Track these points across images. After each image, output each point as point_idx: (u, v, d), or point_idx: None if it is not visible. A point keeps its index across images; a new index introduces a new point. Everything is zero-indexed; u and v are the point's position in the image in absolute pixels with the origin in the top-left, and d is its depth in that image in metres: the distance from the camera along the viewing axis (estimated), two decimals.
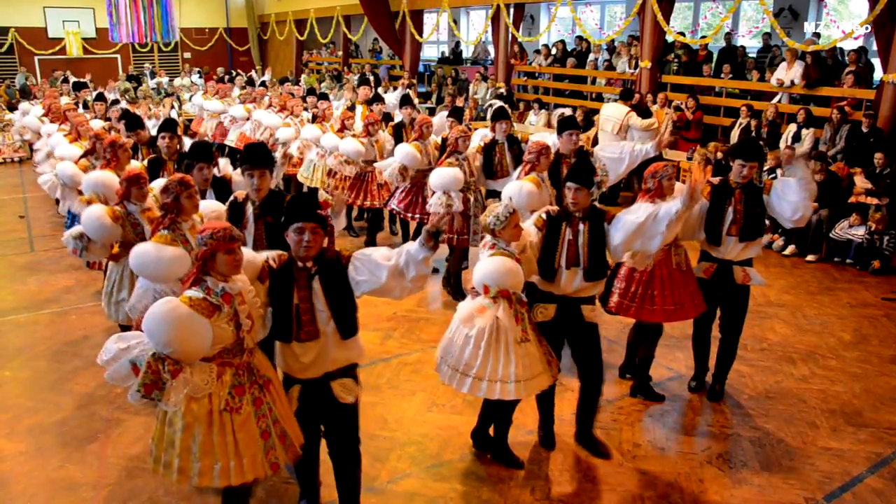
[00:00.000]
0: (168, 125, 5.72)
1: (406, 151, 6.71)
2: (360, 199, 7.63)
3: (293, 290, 3.00)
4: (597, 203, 3.99)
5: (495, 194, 6.14)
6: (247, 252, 2.99)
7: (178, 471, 2.78)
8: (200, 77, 18.59)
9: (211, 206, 4.20)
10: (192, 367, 2.74)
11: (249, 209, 4.03)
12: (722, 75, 10.82)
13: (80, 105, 10.38)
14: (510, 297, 3.52)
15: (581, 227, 3.82)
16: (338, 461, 3.30)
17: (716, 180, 4.45)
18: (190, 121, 12.21)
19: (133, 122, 6.82)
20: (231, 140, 10.42)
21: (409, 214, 6.96)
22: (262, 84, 15.58)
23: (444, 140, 6.57)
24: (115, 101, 9.12)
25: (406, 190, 6.95)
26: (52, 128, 8.81)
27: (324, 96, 9.72)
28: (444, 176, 5.99)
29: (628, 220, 3.78)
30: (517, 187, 5.11)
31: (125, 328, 5.13)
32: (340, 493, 3.38)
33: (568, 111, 11.06)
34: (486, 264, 3.52)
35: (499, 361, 3.51)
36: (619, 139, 9.56)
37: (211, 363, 2.81)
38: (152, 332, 2.66)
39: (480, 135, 7.48)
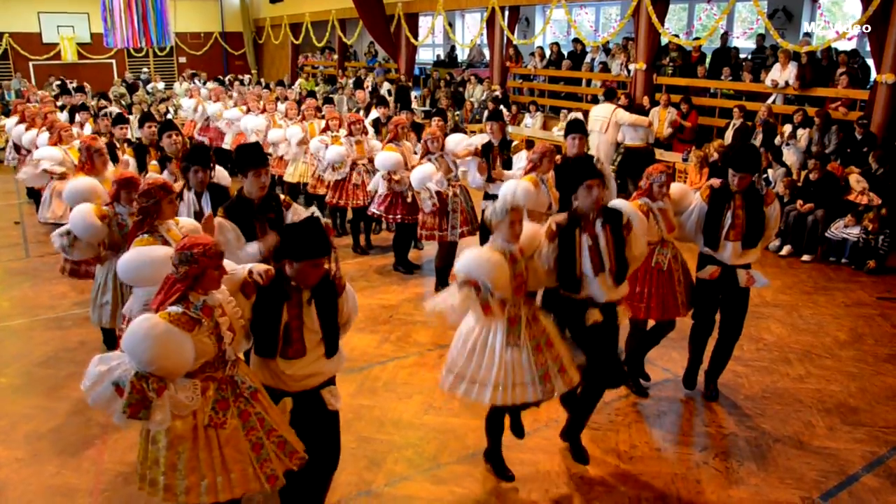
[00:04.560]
0: (168, 125, 5.99)
1: (386, 159, 6.86)
2: (341, 198, 7.76)
3: (283, 307, 2.93)
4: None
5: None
6: (227, 264, 2.90)
7: (164, 488, 2.72)
8: (203, 82, 18.50)
9: (188, 223, 4.09)
10: (175, 384, 2.67)
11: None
12: (723, 77, 10.83)
13: (66, 111, 10.81)
14: (477, 286, 3.34)
15: (599, 230, 3.64)
16: (319, 468, 3.22)
17: (717, 183, 4.39)
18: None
19: (119, 119, 7.83)
20: (227, 143, 10.52)
21: (391, 216, 7.12)
22: (263, 85, 15.68)
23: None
24: (103, 109, 9.53)
25: (385, 193, 7.06)
26: (20, 129, 9.42)
27: (328, 100, 9.68)
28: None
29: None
30: (513, 185, 5.13)
31: (106, 332, 5.14)
32: (311, 498, 3.30)
33: (565, 113, 11.11)
34: (467, 253, 3.44)
35: (481, 364, 3.45)
36: (608, 138, 9.64)
37: (194, 379, 2.75)
38: (133, 350, 2.58)
39: (480, 139, 7.51)
